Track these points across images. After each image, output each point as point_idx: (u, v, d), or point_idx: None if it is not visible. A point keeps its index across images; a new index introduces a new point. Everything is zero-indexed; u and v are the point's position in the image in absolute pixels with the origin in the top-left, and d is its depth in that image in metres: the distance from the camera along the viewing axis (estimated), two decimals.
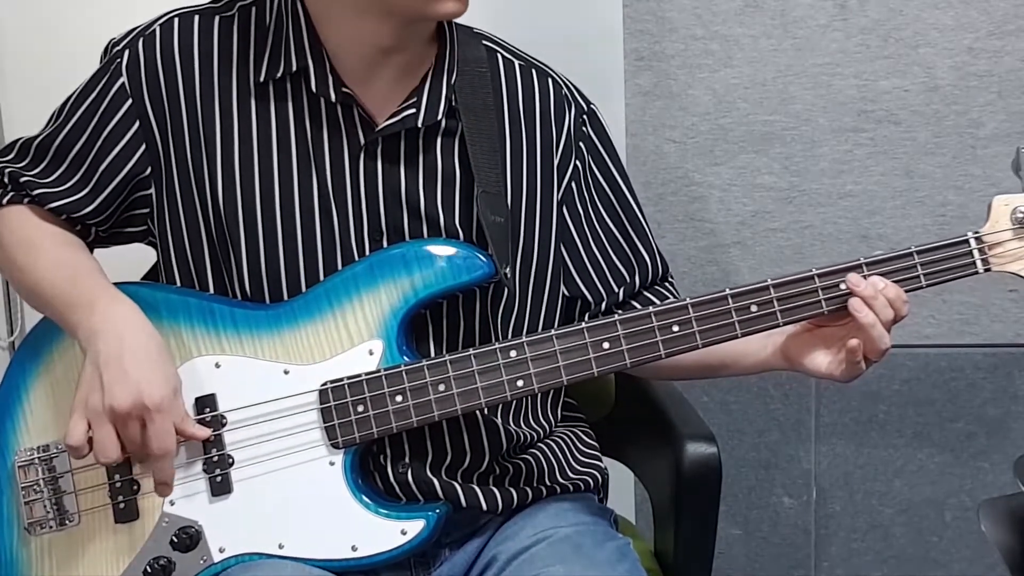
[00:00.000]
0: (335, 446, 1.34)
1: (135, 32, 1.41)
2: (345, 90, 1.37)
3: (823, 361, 1.37)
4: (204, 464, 1.34)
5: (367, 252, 1.39)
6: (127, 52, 1.40)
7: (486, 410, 1.41)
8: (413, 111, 1.39)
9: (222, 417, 1.34)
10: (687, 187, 2.17)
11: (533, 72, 1.49)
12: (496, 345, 1.34)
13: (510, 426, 1.46)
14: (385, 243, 1.39)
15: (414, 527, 1.33)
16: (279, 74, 1.38)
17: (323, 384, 1.34)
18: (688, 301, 1.34)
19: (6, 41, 2.04)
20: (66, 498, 1.36)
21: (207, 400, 1.35)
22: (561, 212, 1.48)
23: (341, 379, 1.34)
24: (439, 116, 1.40)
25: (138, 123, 1.39)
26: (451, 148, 1.42)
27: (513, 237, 1.43)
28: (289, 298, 1.38)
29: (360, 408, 1.33)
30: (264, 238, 1.38)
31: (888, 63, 2.09)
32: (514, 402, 1.46)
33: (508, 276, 1.40)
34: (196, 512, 1.34)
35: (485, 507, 1.43)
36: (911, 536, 2.26)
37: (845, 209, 2.15)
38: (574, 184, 1.49)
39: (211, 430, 1.34)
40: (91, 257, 1.42)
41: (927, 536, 2.26)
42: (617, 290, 1.51)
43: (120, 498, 1.35)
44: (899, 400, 2.22)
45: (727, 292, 1.34)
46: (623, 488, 2.04)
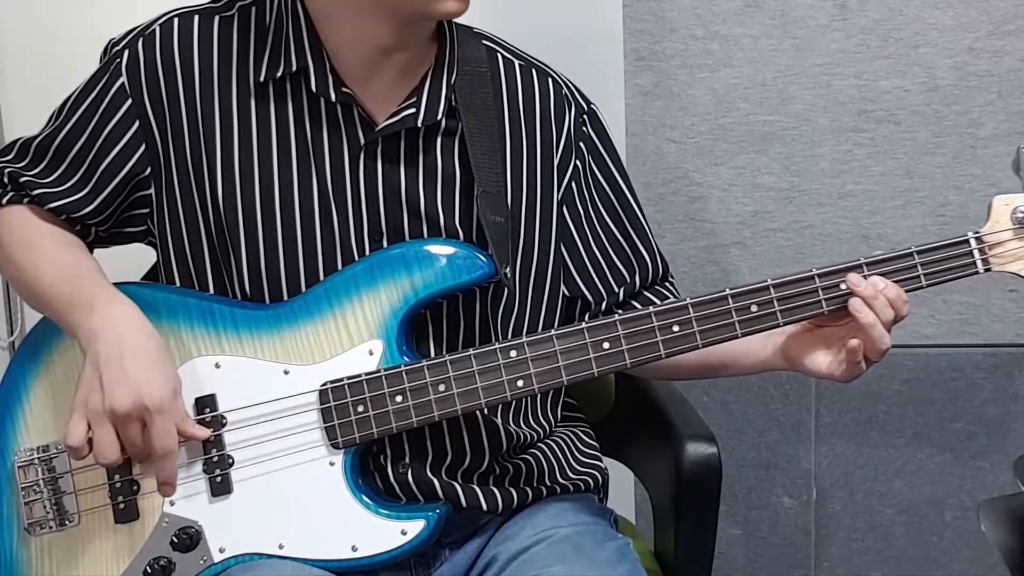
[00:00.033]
0: (335, 446, 1.34)
1: (135, 32, 1.41)
2: (345, 90, 1.37)
3: (823, 361, 1.37)
4: (204, 464, 1.34)
5: (367, 252, 1.39)
6: (127, 52, 1.40)
7: (486, 410, 1.41)
8: (413, 111, 1.38)
9: (222, 417, 1.34)
10: (687, 187, 2.17)
11: (533, 72, 1.49)
12: (496, 345, 1.34)
13: (510, 426, 1.46)
14: (385, 243, 1.39)
15: (414, 527, 1.33)
16: (279, 74, 1.38)
17: (323, 384, 1.34)
18: (688, 301, 1.34)
19: (6, 41, 2.03)
20: (66, 498, 1.35)
21: (207, 400, 1.35)
22: (561, 212, 1.48)
23: (341, 379, 1.34)
24: (439, 116, 1.40)
25: (138, 123, 1.39)
26: (451, 148, 1.42)
27: (513, 237, 1.43)
28: (289, 298, 1.38)
29: (360, 408, 1.33)
30: (264, 238, 1.38)
31: (888, 63, 2.09)
32: (514, 402, 1.46)
33: (508, 276, 1.40)
34: (196, 512, 1.34)
35: (485, 507, 1.43)
36: (911, 536, 2.26)
37: (845, 209, 2.15)
38: (574, 184, 1.49)
39: (211, 430, 1.33)
40: (91, 257, 1.42)
41: (927, 536, 2.26)
42: (617, 290, 1.51)
43: (120, 498, 1.35)
44: (899, 400, 2.21)
45: (727, 292, 1.34)
46: (623, 488, 2.04)
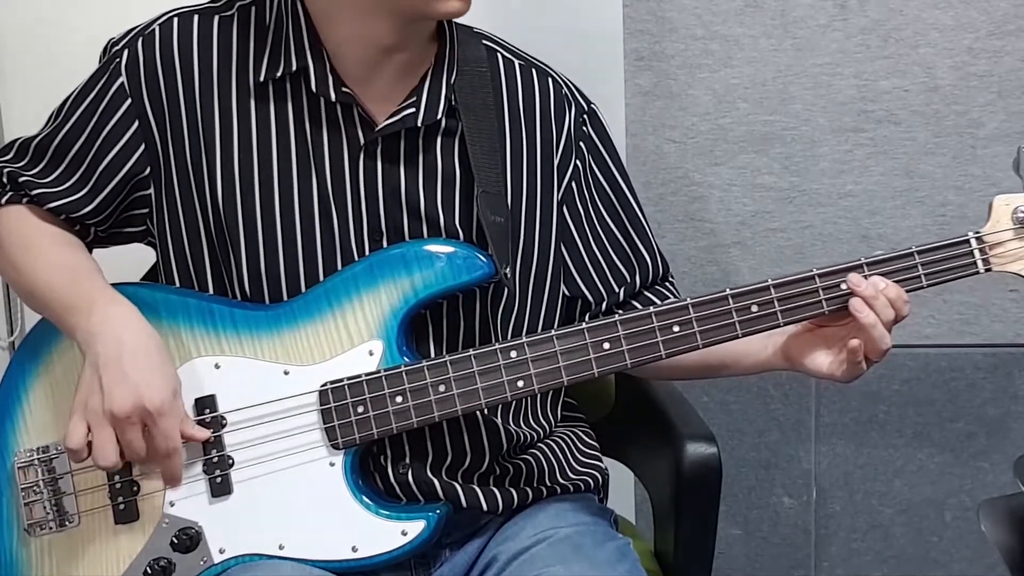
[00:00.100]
0: (335, 447, 1.34)
1: (134, 32, 1.41)
2: (345, 90, 1.37)
3: (824, 361, 1.37)
4: (204, 465, 1.34)
5: (367, 252, 1.38)
6: (126, 52, 1.40)
7: (486, 410, 1.41)
8: (413, 110, 1.38)
9: (222, 418, 1.34)
10: (687, 187, 2.16)
11: (533, 72, 1.49)
12: (496, 345, 1.34)
13: (510, 426, 1.45)
14: (385, 243, 1.39)
15: (414, 528, 1.33)
16: (279, 74, 1.38)
17: (323, 385, 1.34)
18: (689, 301, 1.34)
19: (6, 41, 2.03)
20: (66, 499, 1.35)
21: (207, 401, 1.35)
22: (561, 212, 1.48)
23: (341, 380, 1.34)
24: (439, 115, 1.40)
25: (137, 123, 1.39)
26: (451, 148, 1.42)
27: (513, 237, 1.43)
28: (289, 298, 1.38)
29: (360, 409, 1.33)
30: (264, 238, 1.38)
31: (888, 63, 2.09)
32: (514, 402, 1.46)
33: (508, 276, 1.39)
34: (196, 513, 1.34)
35: (485, 507, 1.42)
36: (911, 536, 2.26)
37: (845, 209, 2.15)
38: (574, 184, 1.49)
39: (211, 431, 1.33)
40: (90, 258, 1.42)
41: (927, 536, 2.26)
42: (617, 290, 1.51)
43: (120, 499, 1.35)
44: (899, 400, 2.21)
45: (728, 292, 1.34)
46: (623, 488, 2.04)
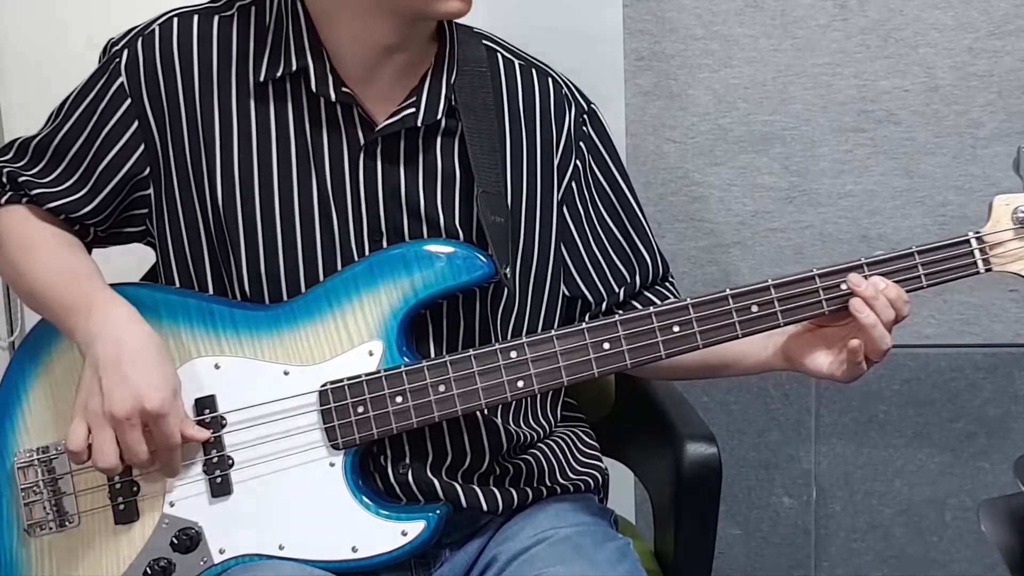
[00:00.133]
0: (335, 447, 1.33)
1: (134, 32, 1.41)
2: (345, 90, 1.37)
3: (824, 361, 1.37)
4: (204, 465, 1.34)
5: (367, 253, 1.38)
6: (126, 52, 1.40)
7: (486, 410, 1.40)
8: (412, 110, 1.38)
9: (222, 418, 1.34)
10: (687, 187, 2.16)
11: (533, 72, 1.49)
12: (496, 346, 1.34)
13: (510, 426, 1.45)
14: (385, 243, 1.39)
15: (414, 528, 1.33)
16: (279, 74, 1.38)
17: (323, 385, 1.34)
18: (689, 301, 1.34)
19: (6, 41, 2.03)
20: (66, 499, 1.35)
21: (207, 401, 1.35)
22: (561, 212, 1.48)
23: (341, 380, 1.34)
24: (439, 115, 1.40)
25: (137, 123, 1.39)
26: (451, 148, 1.42)
27: (513, 237, 1.43)
28: (289, 299, 1.38)
29: (360, 409, 1.33)
30: (263, 239, 1.38)
31: (888, 63, 2.09)
32: (514, 402, 1.46)
33: (508, 276, 1.39)
34: (196, 513, 1.34)
35: (485, 507, 1.42)
36: (911, 536, 2.26)
37: (845, 209, 2.15)
38: (574, 184, 1.49)
39: (211, 431, 1.33)
40: (89, 259, 1.41)
41: (927, 536, 2.26)
42: (617, 290, 1.51)
43: (120, 499, 1.34)
44: (899, 400, 2.21)
45: (728, 292, 1.34)
46: (623, 488, 2.04)
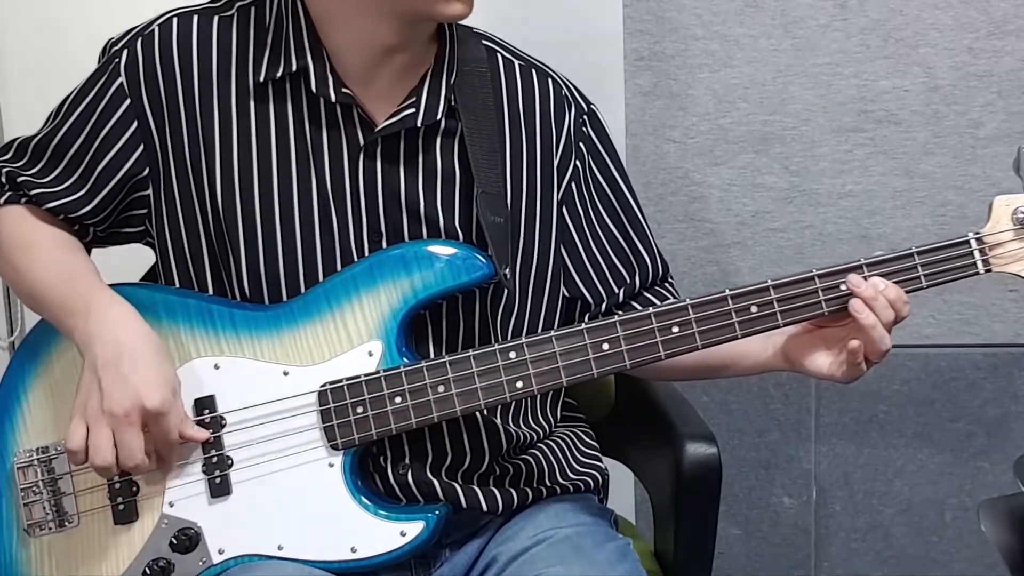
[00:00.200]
0: (334, 447, 1.33)
1: (133, 32, 1.41)
2: (345, 90, 1.37)
3: (824, 362, 1.37)
4: (203, 465, 1.34)
5: (366, 253, 1.38)
6: (125, 52, 1.40)
7: (485, 411, 1.40)
8: (412, 111, 1.38)
9: (221, 418, 1.34)
10: (687, 187, 2.16)
11: (533, 72, 1.49)
12: (496, 346, 1.34)
13: (510, 426, 1.45)
14: (384, 244, 1.39)
15: (413, 528, 1.33)
16: (279, 74, 1.38)
17: (322, 385, 1.34)
18: (688, 302, 1.34)
19: (6, 41, 2.03)
20: (65, 499, 1.35)
21: (206, 401, 1.35)
22: (561, 212, 1.48)
23: (340, 380, 1.34)
24: (438, 116, 1.40)
25: (136, 123, 1.39)
26: (451, 148, 1.42)
27: (513, 238, 1.43)
28: (288, 299, 1.38)
29: (359, 409, 1.33)
30: (263, 239, 1.38)
31: (888, 63, 2.09)
32: (514, 403, 1.46)
33: (508, 277, 1.39)
34: (195, 513, 1.34)
35: (485, 508, 1.42)
36: (911, 536, 2.26)
37: (845, 209, 2.15)
38: (574, 184, 1.49)
39: (210, 432, 1.33)
40: (87, 259, 1.42)
41: (927, 536, 2.26)
42: (617, 291, 1.51)
43: (119, 499, 1.34)
44: (899, 400, 2.21)
45: (727, 293, 1.34)
46: (623, 488, 2.04)
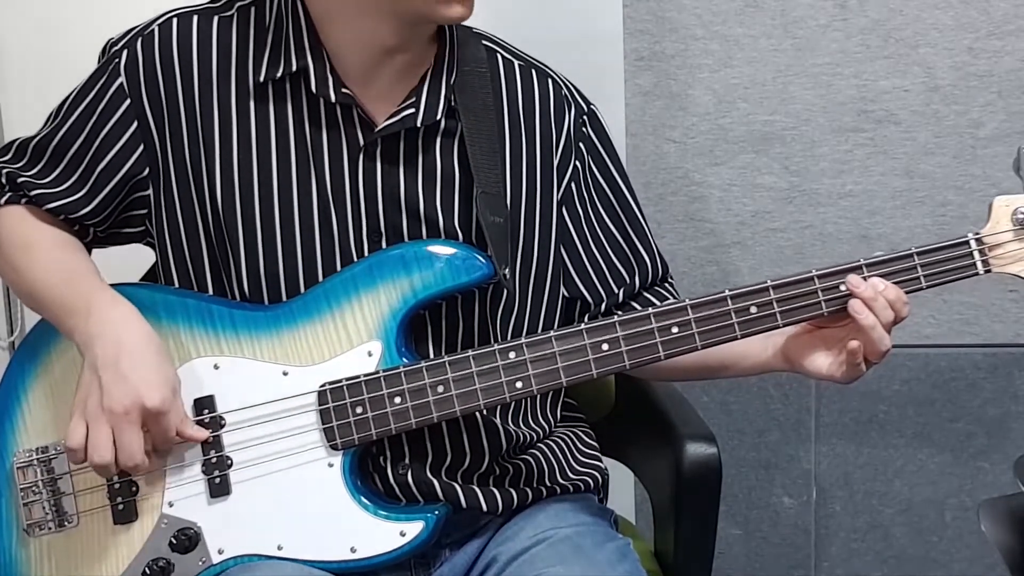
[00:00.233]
0: (334, 447, 1.33)
1: (133, 32, 1.41)
2: (345, 90, 1.37)
3: (823, 362, 1.37)
4: (203, 465, 1.34)
5: (366, 253, 1.38)
6: (125, 52, 1.40)
7: (485, 411, 1.40)
8: (412, 111, 1.38)
9: (221, 418, 1.34)
10: (687, 187, 2.16)
11: (533, 72, 1.49)
12: (495, 346, 1.34)
13: (510, 426, 1.45)
14: (384, 244, 1.39)
15: (413, 528, 1.33)
16: (279, 74, 1.38)
17: (322, 386, 1.34)
18: (688, 302, 1.34)
19: (6, 41, 2.04)
20: (65, 499, 1.35)
21: (206, 401, 1.35)
22: (561, 213, 1.48)
23: (340, 381, 1.34)
24: (438, 116, 1.40)
25: (136, 123, 1.39)
26: (450, 148, 1.42)
27: (512, 238, 1.43)
28: (288, 299, 1.38)
29: (359, 410, 1.33)
30: (263, 239, 1.38)
31: (888, 63, 2.09)
32: (513, 403, 1.46)
33: (507, 277, 1.39)
34: (195, 513, 1.34)
35: (485, 508, 1.42)
36: (911, 536, 2.26)
37: (845, 209, 2.15)
38: (574, 185, 1.49)
39: (210, 431, 1.33)
40: (88, 259, 1.42)
41: (927, 536, 2.26)
42: (617, 291, 1.51)
43: (119, 499, 1.35)
44: (899, 400, 2.21)
45: (727, 293, 1.34)
46: (623, 488, 2.04)
